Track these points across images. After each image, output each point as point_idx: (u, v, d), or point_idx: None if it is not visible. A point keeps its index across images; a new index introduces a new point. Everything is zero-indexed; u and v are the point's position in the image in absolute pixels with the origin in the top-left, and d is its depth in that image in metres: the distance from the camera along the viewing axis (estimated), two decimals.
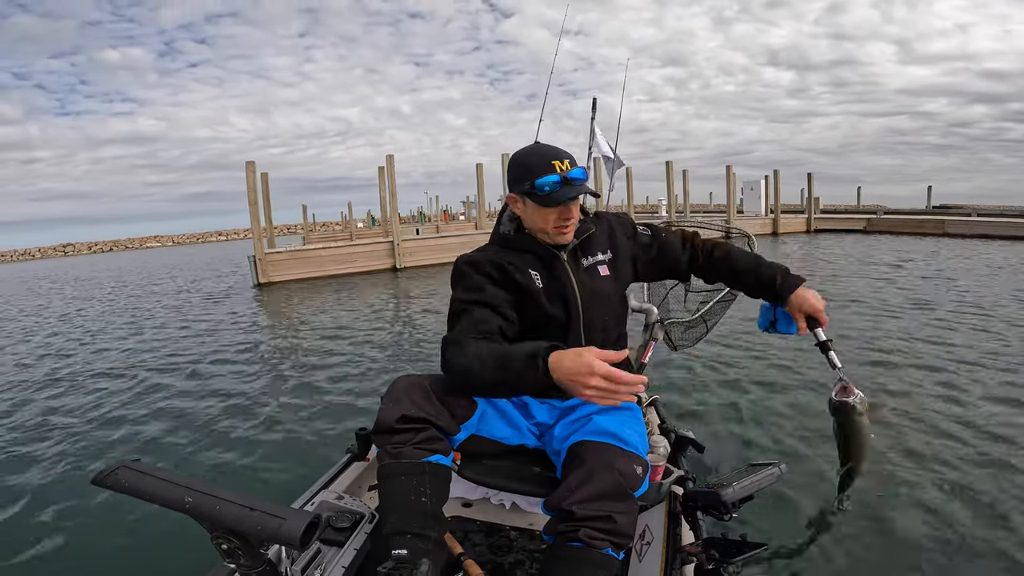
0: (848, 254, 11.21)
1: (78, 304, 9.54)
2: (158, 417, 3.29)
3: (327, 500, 1.27)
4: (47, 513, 2.16)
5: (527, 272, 1.23)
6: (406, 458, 1.06)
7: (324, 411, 3.25)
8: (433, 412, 1.09)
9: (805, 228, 18.60)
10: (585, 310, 1.24)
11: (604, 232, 1.34)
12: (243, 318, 6.95)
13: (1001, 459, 2.25)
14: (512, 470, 1.24)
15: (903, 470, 2.19)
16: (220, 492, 0.71)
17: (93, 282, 14.12)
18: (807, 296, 1.33)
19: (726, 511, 1.24)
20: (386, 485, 1.06)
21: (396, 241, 11.80)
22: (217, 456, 2.69)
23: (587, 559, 1.00)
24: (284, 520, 0.68)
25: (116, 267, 20.36)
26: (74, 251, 36.41)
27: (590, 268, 1.28)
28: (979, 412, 2.75)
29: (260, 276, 10.41)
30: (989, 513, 1.88)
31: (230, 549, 0.73)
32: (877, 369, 3.54)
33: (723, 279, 1.45)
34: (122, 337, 6.03)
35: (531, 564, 1.35)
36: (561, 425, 1.21)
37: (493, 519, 1.51)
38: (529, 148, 1.23)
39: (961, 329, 4.47)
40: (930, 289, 6.52)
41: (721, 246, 1.42)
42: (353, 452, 1.61)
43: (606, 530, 1.00)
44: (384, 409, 1.09)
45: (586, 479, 1.03)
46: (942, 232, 15.62)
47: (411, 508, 1.03)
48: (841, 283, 7.30)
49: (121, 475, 0.71)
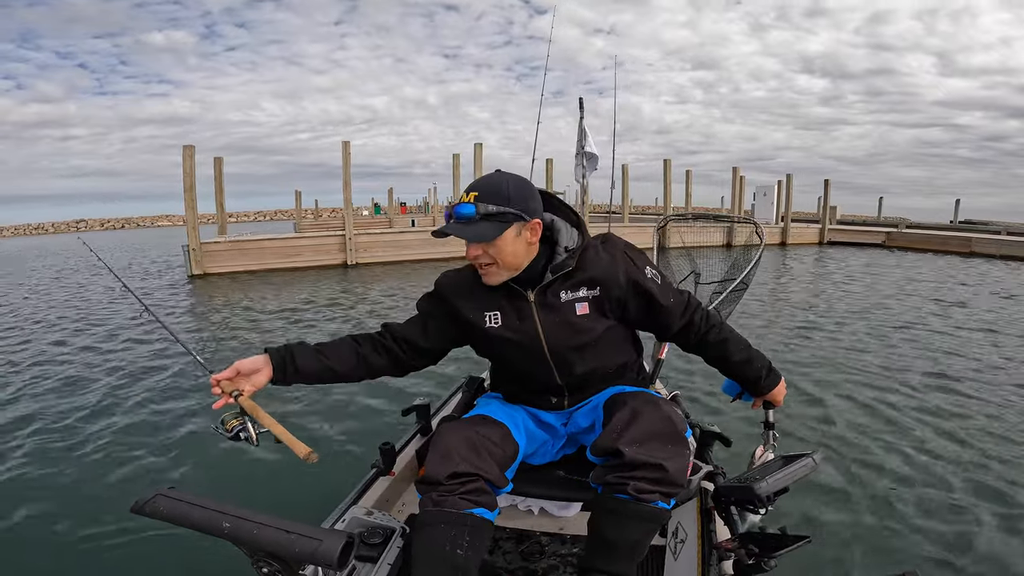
0: (845, 290, 8.99)
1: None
2: (169, 437, 3.08)
3: (357, 516, 1.28)
4: (85, 544, 2.10)
5: (481, 314, 1.22)
6: (449, 507, 1.04)
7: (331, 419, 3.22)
8: (485, 467, 1.09)
9: (817, 240, 17.12)
10: (552, 349, 1.21)
11: (601, 265, 1.20)
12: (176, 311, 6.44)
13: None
14: (538, 477, 1.31)
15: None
16: (256, 516, 0.72)
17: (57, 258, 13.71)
18: (778, 391, 1.34)
19: (761, 505, 1.11)
20: (422, 534, 1.04)
21: (349, 235, 10.93)
22: (237, 478, 2.62)
23: (636, 513, 1.02)
24: (321, 542, 0.68)
25: (99, 245, 20.14)
26: (87, 227, 36.56)
27: (565, 305, 1.20)
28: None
29: (194, 267, 9.70)
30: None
31: (270, 572, 0.75)
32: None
33: (709, 361, 1.35)
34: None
35: (564, 569, 1.35)
36: (582, 413, 1.30)
37: (522, 526, 1.51)
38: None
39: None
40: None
41: (720, 329, 1.30)
42: (379, 467, 1.58)
43: (656, 480, 1.01)
44: (432, 463, 1.09)
45: (632, 418, 1.07)
46: (968, 251, 14.09)
47: (445, 560, 1.00)
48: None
49: (159, 503, 0.72)
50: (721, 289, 1.96)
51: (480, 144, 11.97)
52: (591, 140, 4.53)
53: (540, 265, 1.19)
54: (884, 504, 2.20)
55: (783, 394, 1.36)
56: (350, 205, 11.27)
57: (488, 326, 1.22)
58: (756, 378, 1.31)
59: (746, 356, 1.30)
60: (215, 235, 11.28)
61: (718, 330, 1.29)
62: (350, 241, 10.94)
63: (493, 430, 1.18)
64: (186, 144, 9.68)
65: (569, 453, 1.38)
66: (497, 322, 1.21)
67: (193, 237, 9.68)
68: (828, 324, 5.65)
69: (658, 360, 1.85)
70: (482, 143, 11.89)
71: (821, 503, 2.13)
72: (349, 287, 8.57)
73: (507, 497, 1.47)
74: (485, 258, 1.14)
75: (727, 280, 1.95)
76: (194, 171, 9.81)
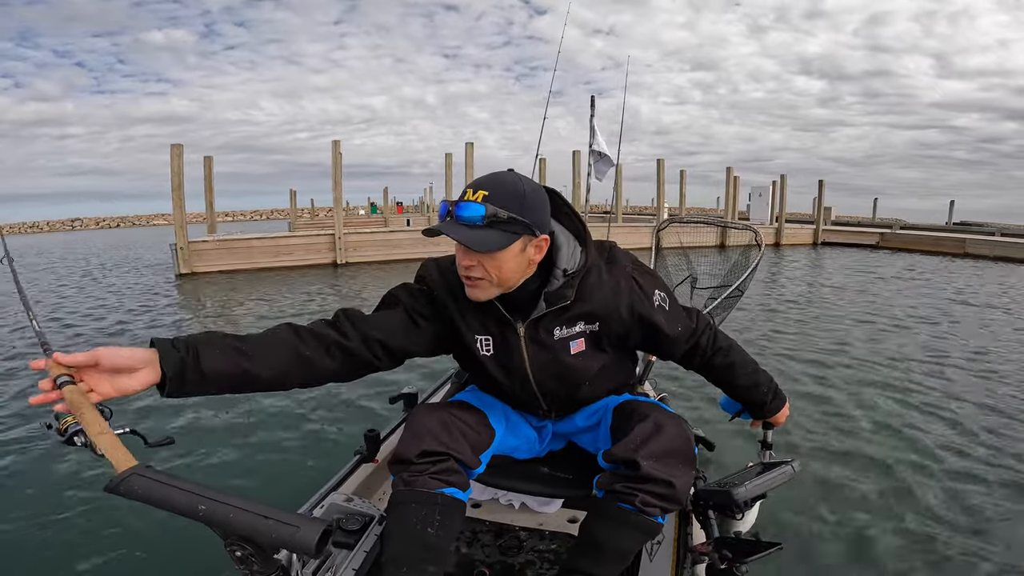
0: (838, 296, 9.41)
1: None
2: (158, 418, 3.13)
3: (337, 502, 1.26)
4: (59, 519, 2.09)
5: (473, 335, 1.09)
6: (420, 487, 1.02)
7: (321, 409, 3.22)
8: (455, 447, 1.06)
9: (811, 241, 17.09)
10: (540, 383, 1.14)
11: (603, 294, 1.07)
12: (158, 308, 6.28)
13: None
14: (521, 471, 1.29)
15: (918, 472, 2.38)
16: (233, 499, 0.70)
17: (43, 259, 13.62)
18: (782, 415, 1.32)
19: (738, 510, 1.15)
20: (395, 513, 1.02)
21: (338, 234, 10.87)
22: (221, 460, 2.63)
23: (636, 523, 1.01)
24: (298, 528, 0.68)
25: (94, 244, 20.06)
26: (82, 225, 36.52)
27: (557, 343, 1.09)
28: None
29: (182, 266, 9.64)
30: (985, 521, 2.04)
31: (243, 556, 0.74)
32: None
33: (713, 382, 1.30)
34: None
35: (541, 564, 1.35)
36: (581, 415, 1.26)
37: (502, 520, 1.51)
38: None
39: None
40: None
41: (727, 353, 1.22)
42: (362, 454, 1.59)
43: (663, 496, 1.00)
44: (404, 442, 1.06)
45: (655, 431, 1.03)
46: (962, 252, 14.07)
47: (416, 539, 0.98)
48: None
49: (134, 482, 0.69)
50: (717, 295, 1.95)
51: (471, 143, 11.93)
52: (601, 139, 4.34)
53: (534, 287, 1.04)
54: (864, 511, 2.15)
55: (785, 415, 1.32)
56: (340, 204, 11.20)
57: (480, 352, 1.09)
58: (761, 403, 1.26)
59: (753, 381, 1.24)
60: (205, 234, 11.22)
61: (724, 353, 1.21)
62: (340, 240, 10.88)
63: (469, 414, 1.14)
64: (174, 143, 9.61)
65: (555, 449, 1.36)
66: (489, 350, 1.09)
67: (181, 236, 9.61)
68: (822, 322, 5.62)
69: (648, 362, 1.85)
70: (474, 143, 11.87)
71: (796, 510, 2.10)
72: (338, 285, 8.51)
73: (489, 490, 1.48)
74: (478, 271, 0.98)
75: (723, 286, 1.93)
76: (182, 170, 9.75)
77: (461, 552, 1.38)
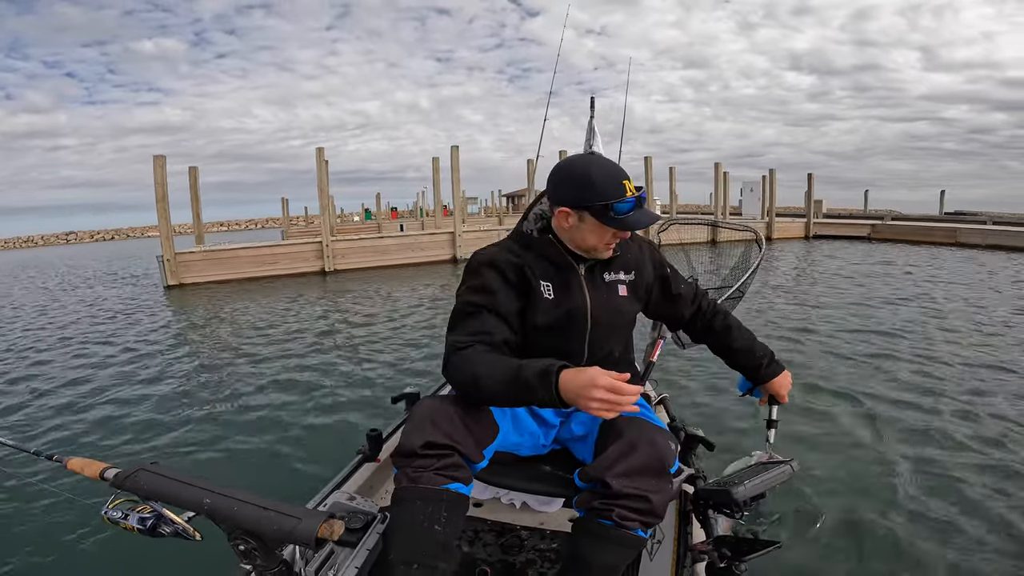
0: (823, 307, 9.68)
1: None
2: (163, 417, 3.25)
3: (339, 501, 1.23)
4: (65, 516, 2.11)
5: (539, 281, 1.21)
6: (425, 483, 1.03)
7: (321, 409, 3.27)
8: (459, 439, 1.07)
9: (803, 234, 17.07)
10: (595, 326, 1.23)
11: (633, 252, 1.30)
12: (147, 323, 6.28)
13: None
14: (523, 470, 1.28)
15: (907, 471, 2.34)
16: (237, 493, 0.72)
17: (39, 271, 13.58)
18: (781, 384, 1.39)
19: (737, 509, 1.17)
20: (399, 509, 1.03)
21: (326, 242, 10.84)
22: (222, 461, 2.69)
23: (616, 538, 1.03)
24: (299, 520, 0.69)
25: (89, 257, 20.04)
26: (76, 239, 36.43)
27: (610, 285, 1.25)
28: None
29: (170, 278, 9.61)
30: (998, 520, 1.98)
31: (247, 550, 0.75)
32: None
33: (714, 348, 1.43)
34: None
35: (542, 563, 1.36)
36: (579, 420, 1.29)
37: (504, 519, 1.53)
38: (585, 160, 1.17)
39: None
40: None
41: (725, 316, 1.41)
42: (365, 453, 1.60)
43: (640, 510, 1.02)
44: (407, 433, 1.07)
45: (627, 451, 1.05)
46: (953, 241, 14.06)
47: (423, 536, 1.00)
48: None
49: (140, 478, 0.72)
50: (718, 296, 1.97)
51: (456, 147, 11.94)
52: (599, 140, 4.44)
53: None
54: (865, 514, 2.09)
55: (787, 388, 1.40)
56: (327, 211, 11.19)
57: (543, 296, 1.20)
58: (757, 366, 1.37)
59: (748, 345, 1.37)
60: (193, 245, 11.20)
61: (723, 317, 1.40)
62: (327, 248, 10.85)
63: (473, 408, 1.15)
64: (157, 155, 9.59)
65: (558, 448, 1.36)
66: (550, 294, 1.20)
67: (167, 247, 9.59)
68: (814, 322, 5.58)
69: (649, 362, 1.91)
70: (459, 147, 11.86)
71: (796, 509, 2.08)
72: (324, 296, 8.48)
73: (491, 490, 1.48)
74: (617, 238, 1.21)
75: (724, 287, 1.95)
76: (166, 181, 9.73)
77: (463, 551, 1.36)
